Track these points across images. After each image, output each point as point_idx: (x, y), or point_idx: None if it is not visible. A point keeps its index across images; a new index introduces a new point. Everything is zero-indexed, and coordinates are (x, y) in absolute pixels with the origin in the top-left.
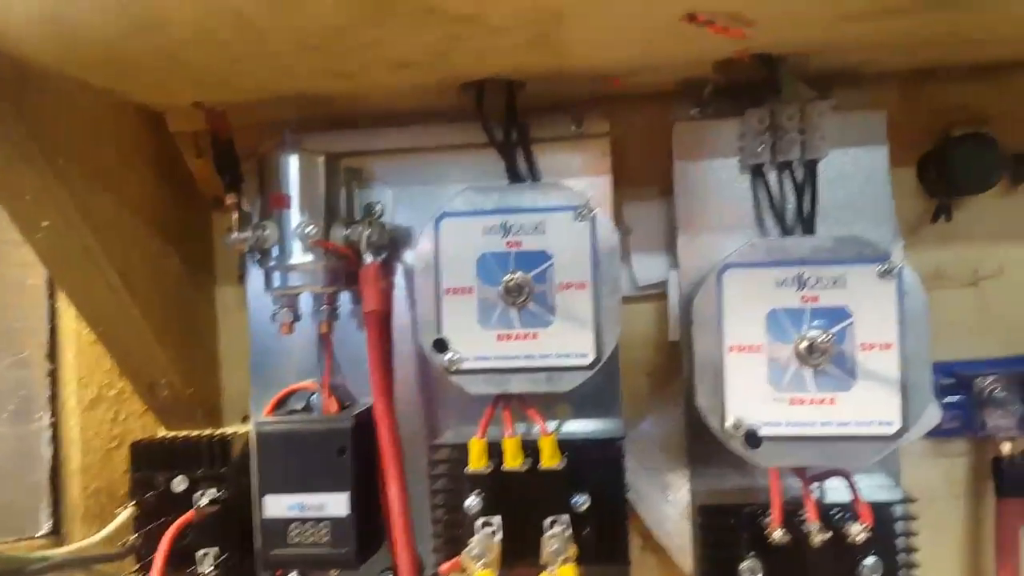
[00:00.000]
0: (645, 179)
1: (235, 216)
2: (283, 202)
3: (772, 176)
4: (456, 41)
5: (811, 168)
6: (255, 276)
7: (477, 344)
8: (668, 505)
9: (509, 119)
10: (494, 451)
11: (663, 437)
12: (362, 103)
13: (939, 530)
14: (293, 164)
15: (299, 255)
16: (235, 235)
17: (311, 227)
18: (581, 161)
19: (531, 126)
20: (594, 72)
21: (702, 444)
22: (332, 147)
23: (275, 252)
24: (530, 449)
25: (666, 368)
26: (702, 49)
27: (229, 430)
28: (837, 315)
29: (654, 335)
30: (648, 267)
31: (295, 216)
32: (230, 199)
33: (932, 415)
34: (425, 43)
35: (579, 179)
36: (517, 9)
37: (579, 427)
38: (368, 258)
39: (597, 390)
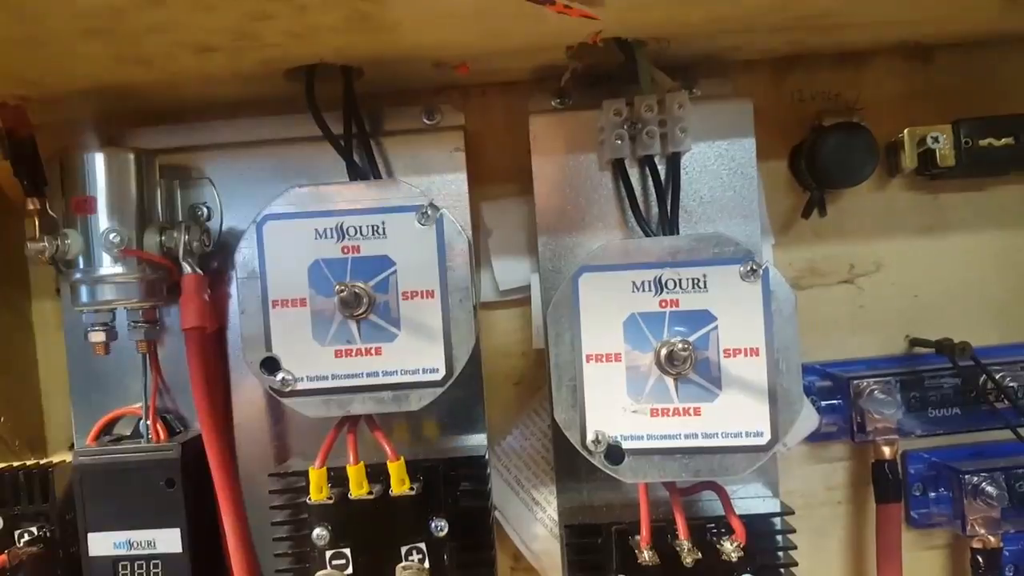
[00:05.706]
0: (505, 175)
1: (36, 223)
2: (88, 206)
3: (635, 171)
4: (260, 22)
5: (674, 162)
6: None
7: (312, 362)
8: (537, 523)
9: (347, 109)
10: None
11: (530, 450)
12: (180, 94)
13: (821, 537)
14: (98, 163)
15: (108, 266)
16: (32, 245)
17: (115, 234)
18: (434, 156)
19: (382, 118)
20: (435, 57)
21: (569, 457)
22: (152, 143)
23: (81, 263)
24: (383, 474)
25: (534, 376)
26: (551, 32)
27: (56, 460)
28: (700, 319)
29: (520, 342)
30: (510, 270)
31: (102, 222)
32: (32, 204)
33: (810, 420)
34: (222, 25)
35: (432, 176)
36: None
37: (440, 444)
38: (186, 268)
39: (459, 404)
